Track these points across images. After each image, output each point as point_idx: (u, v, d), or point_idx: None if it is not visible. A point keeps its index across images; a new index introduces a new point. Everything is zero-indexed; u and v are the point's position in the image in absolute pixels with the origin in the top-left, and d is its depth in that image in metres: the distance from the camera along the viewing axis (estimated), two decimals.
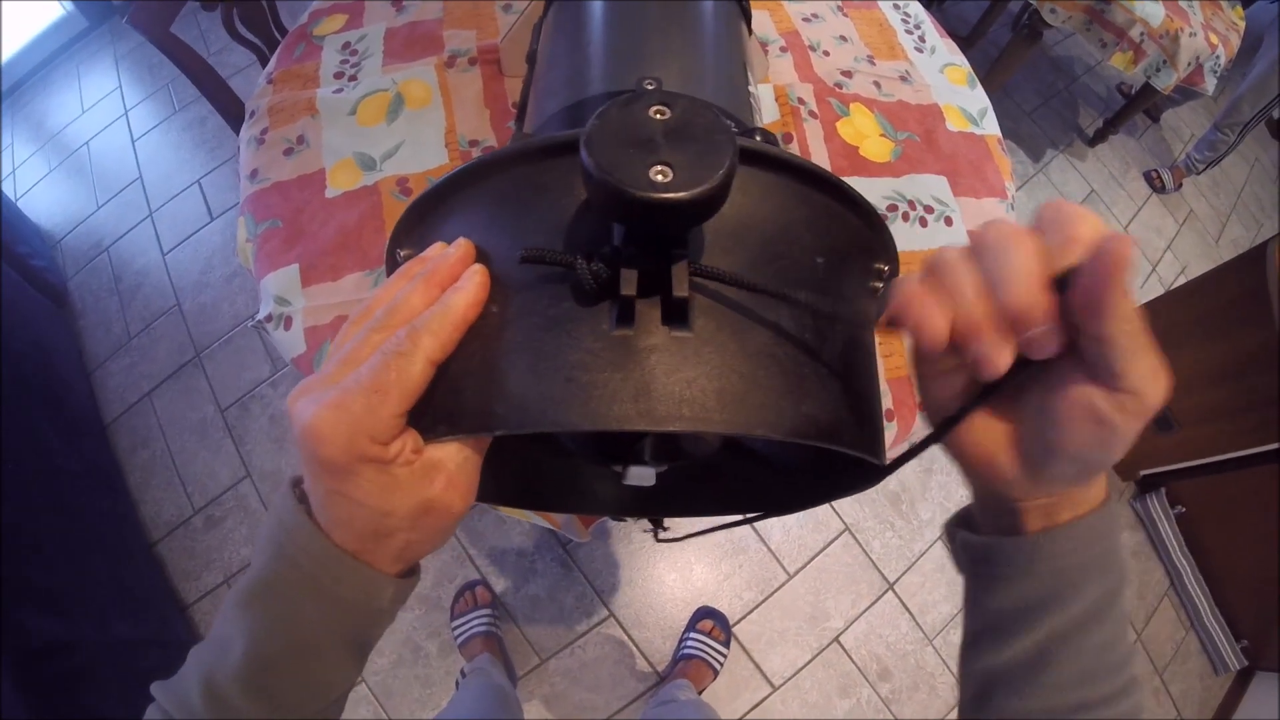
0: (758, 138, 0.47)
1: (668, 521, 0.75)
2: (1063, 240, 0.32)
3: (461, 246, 0.39)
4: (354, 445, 0.34)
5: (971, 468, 0.42)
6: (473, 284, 0.36)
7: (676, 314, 0.33)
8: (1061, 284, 0.31)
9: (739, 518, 0.61)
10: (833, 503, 2.09)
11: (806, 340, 0.36)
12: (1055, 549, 0.41)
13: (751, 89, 0.63)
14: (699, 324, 0.34)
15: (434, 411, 0.35)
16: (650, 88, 0.39)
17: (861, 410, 0.38)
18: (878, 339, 0.85)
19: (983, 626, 0.45)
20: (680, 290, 0.32)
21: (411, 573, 0.44)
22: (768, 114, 1.10)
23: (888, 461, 0.40)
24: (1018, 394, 0.38)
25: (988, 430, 0.40)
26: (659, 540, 0.97)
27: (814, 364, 0.36)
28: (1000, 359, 0.33)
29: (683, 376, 0.32)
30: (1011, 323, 0.32)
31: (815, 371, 0.36)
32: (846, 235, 0.42)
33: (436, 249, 0.40)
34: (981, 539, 0.45)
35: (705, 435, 0.56)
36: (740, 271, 0.34)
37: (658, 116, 0.31)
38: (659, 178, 0.28)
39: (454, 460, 0.37)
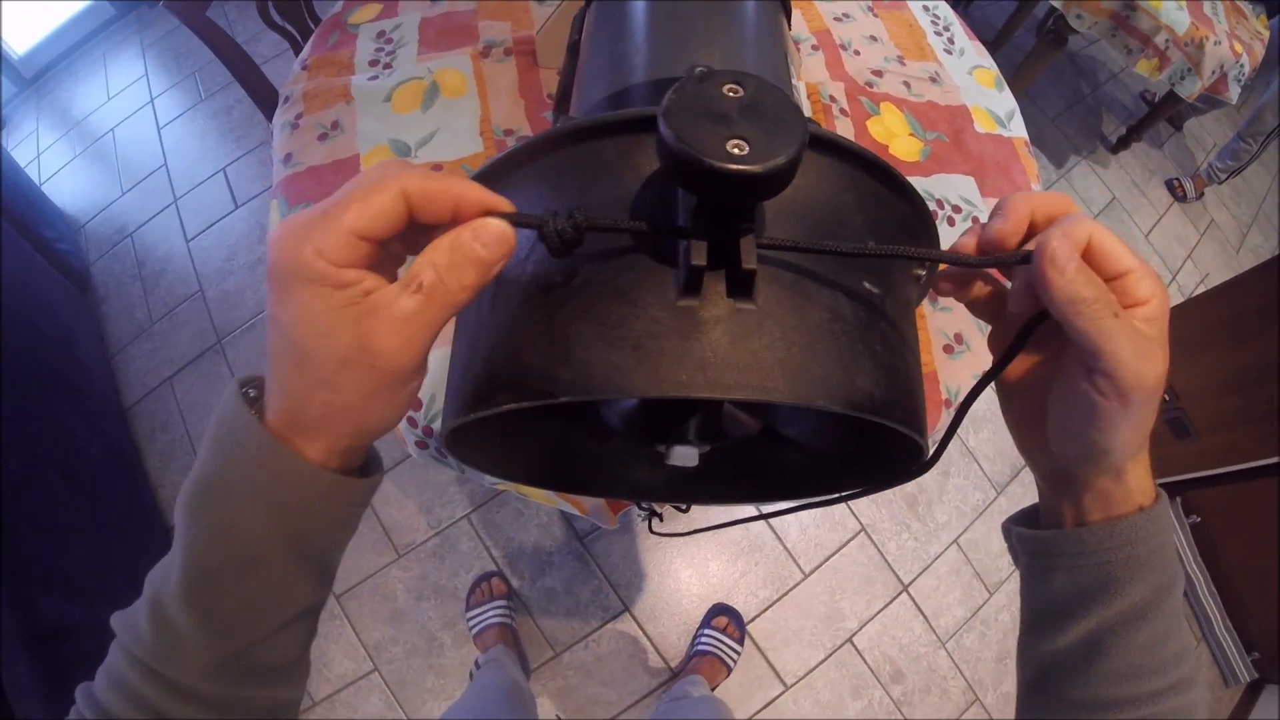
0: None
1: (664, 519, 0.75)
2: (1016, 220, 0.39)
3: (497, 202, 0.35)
4: (298, 255, 0.31)
5: (1018, 437, 0.48)
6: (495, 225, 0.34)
7: (742, 286, 0.33)
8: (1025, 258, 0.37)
9: (736, 519, 0.61)
10: (850, 503, 2.11)
11: (860, 319, 0.37)
12: (1098, 543, 0.43)
13: (794, 81, 0.64)
14: (761, 297, 0.34)
15: (494, 379, 0.36)
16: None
17: (910, 391, 0.39)
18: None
19: (1038, 616, 0.48)
20: (749, 262, 0.32)
21: (362, 472, 0.41)
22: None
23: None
24: (1042, 374, 0.43)
25: (1022, 403, 0.46)
26: (653, 532, 0.97)
27: (867, 341, 0.37)
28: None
29: (747, 347, 0.33)
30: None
31: (869, 349, 0.36)
32: (895, 221, 0.43)
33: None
34: (1033, 532, 0.47)
35: (744, 417, 0.56)
36: (806, 240, 0.35)
37: (731, 94, 0.31)
38: (735, 150, 0.29)
39: (401, 308, 0.32)
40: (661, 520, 0.96)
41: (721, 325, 0.33)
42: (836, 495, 0.54)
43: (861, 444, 0.52)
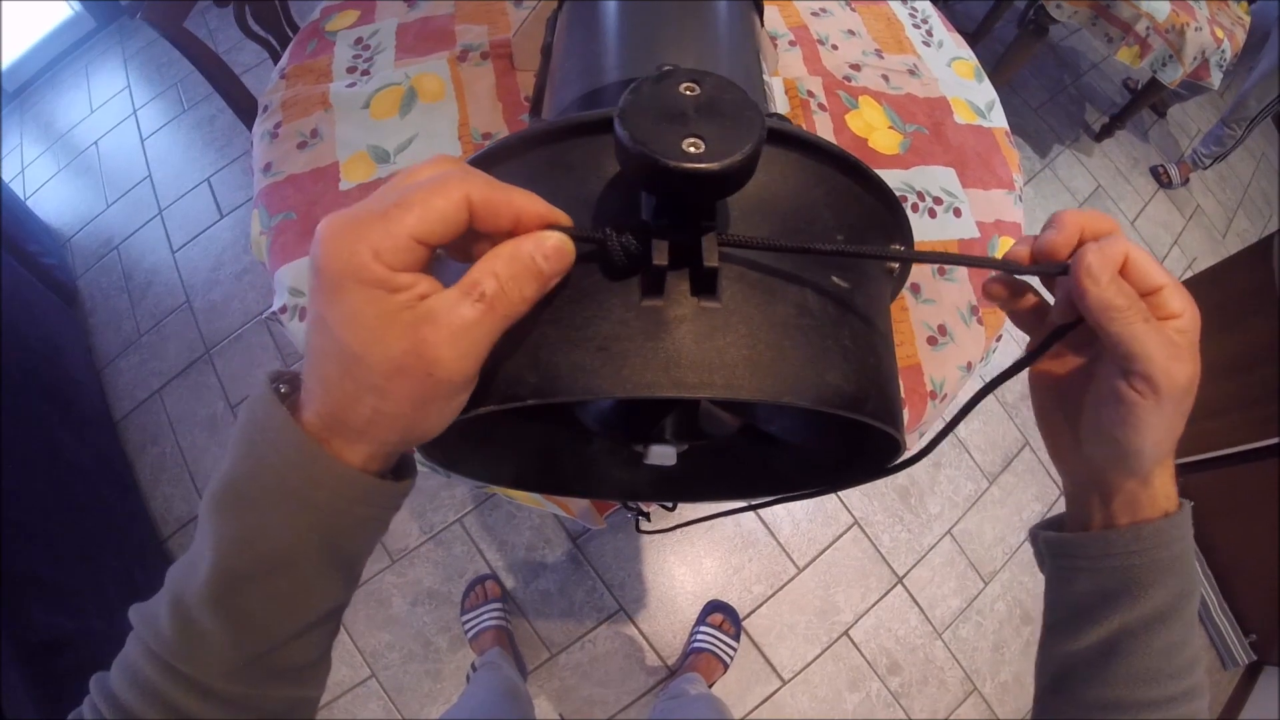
0: (777, 120, 0.47)
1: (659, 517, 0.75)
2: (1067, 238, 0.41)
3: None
4: (353, 255, 0.30)
5: (1050, 441, 0.50)
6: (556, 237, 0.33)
7: (705, 284, 0.34)
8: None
9: (731, 507, 0.62)
10: (842, 497, 2.12)
11: (829, 314, 0.37)
12: (1124, 546, 0.44)
13: (765, 78, 0.64)
14: (726, 295, 0.34)
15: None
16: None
17: (882, 384, 0.39)
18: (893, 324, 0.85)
19: (1060, 617, 0.49)
20: (710, 260, 0.32)
21: (391, 473, 0.39)
22: (778, 106, 1.11)
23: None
24: (1076, 382, 0.46)
25: (1055, 409, 0.48)
26: (639, 531, 0.97)
27: (837, 337, 0.37)
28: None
29: (712, 345, 0.33)
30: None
31: (838, 344, 0.37)
32: (865, 215, 0.43)
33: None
34: (1060, 535, 0.49)
35: (723, 415, 0.56)
36: (770, 237, 0.35)
37: (688, 93, 0.32)
38: (691, 149, 0.29)
39: (460, 316, 0.31)
40: (649, 520, 0.96)
41: (686, 324, 0.33)
42: (817, 489, 0.55)
43: (844, 439, 0.52)
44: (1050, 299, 0.47)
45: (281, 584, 0.36)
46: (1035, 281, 0.46)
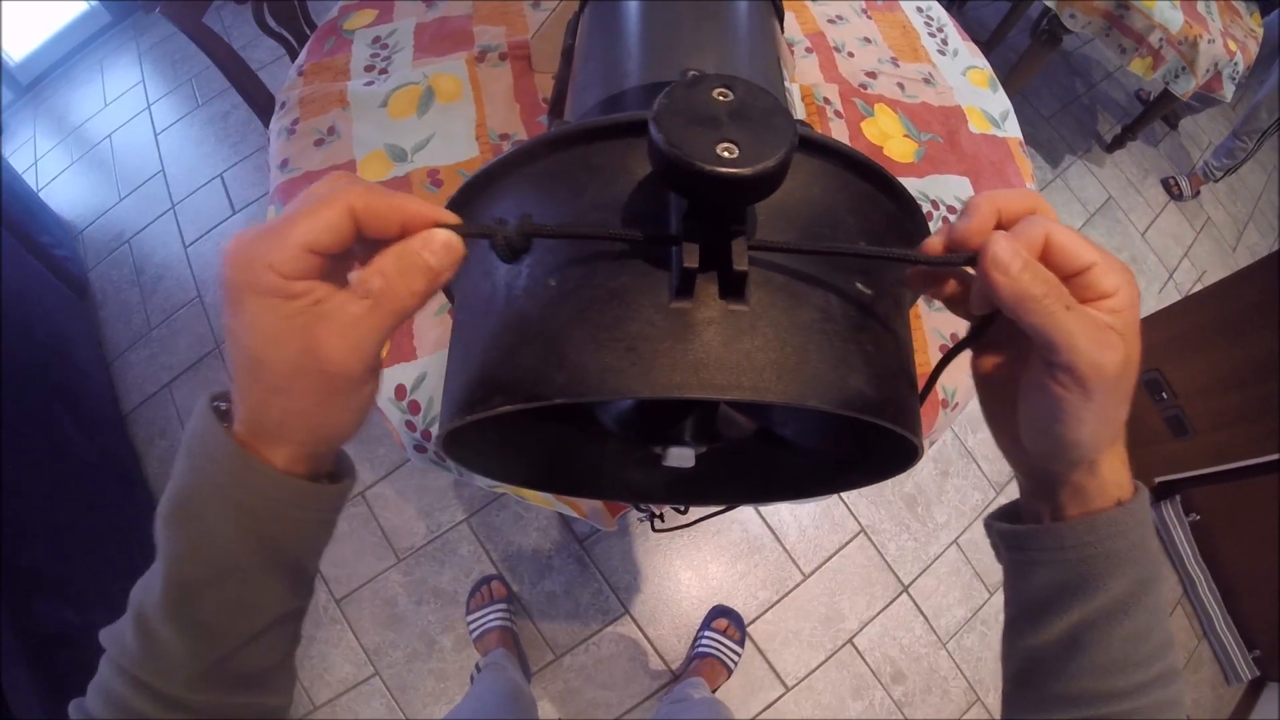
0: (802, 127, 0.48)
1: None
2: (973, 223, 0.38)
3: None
4: (249, 267, 0.32)
5: (996, 436, 0.48)
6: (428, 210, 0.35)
7: (734, 288, 0.34)
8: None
9: (734, 505, 0.62)
10: (849, 504, 2.12)
11: (852, 319, 0.37)
12: (1077, 538, 0.43)
13: (786, 84, 0.64)
14: (753, 299, 0.35)
15: (489, 382, 0.36)
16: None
17: (902, 390, 0.39)
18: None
19: (1020, 611, 0.48)
20: (740, 264, 0.33)
21: (331, 479, 0.42)
22: (796, 113, 1.11)
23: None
24: (1011, 374, 0.44)
25: (996, 402, 0.46)
26: (656, 530, 0.97)
27: (859, 341, 0.37)
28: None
29: (740, 348, 0.33)
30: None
31: (860, 349, 0.37)
32: (886, 221, 0.43)
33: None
34: (1013, 527, 0.48)
35: (740, 418, 0.56)
36: (797, 242, 0.35)
37: (721, 98, 0.32)
38: (725, 154, 0.29)
39: (348, 313, 0.34)
40: (663, 520, 0.96)
41: (714, 327, 0.33)
42: (827, 490, 0.55)
43: (857, 443, 0.53)
44: None
45: (229, 589, 0.39)
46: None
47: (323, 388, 0.35)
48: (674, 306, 0.34)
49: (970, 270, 0.38)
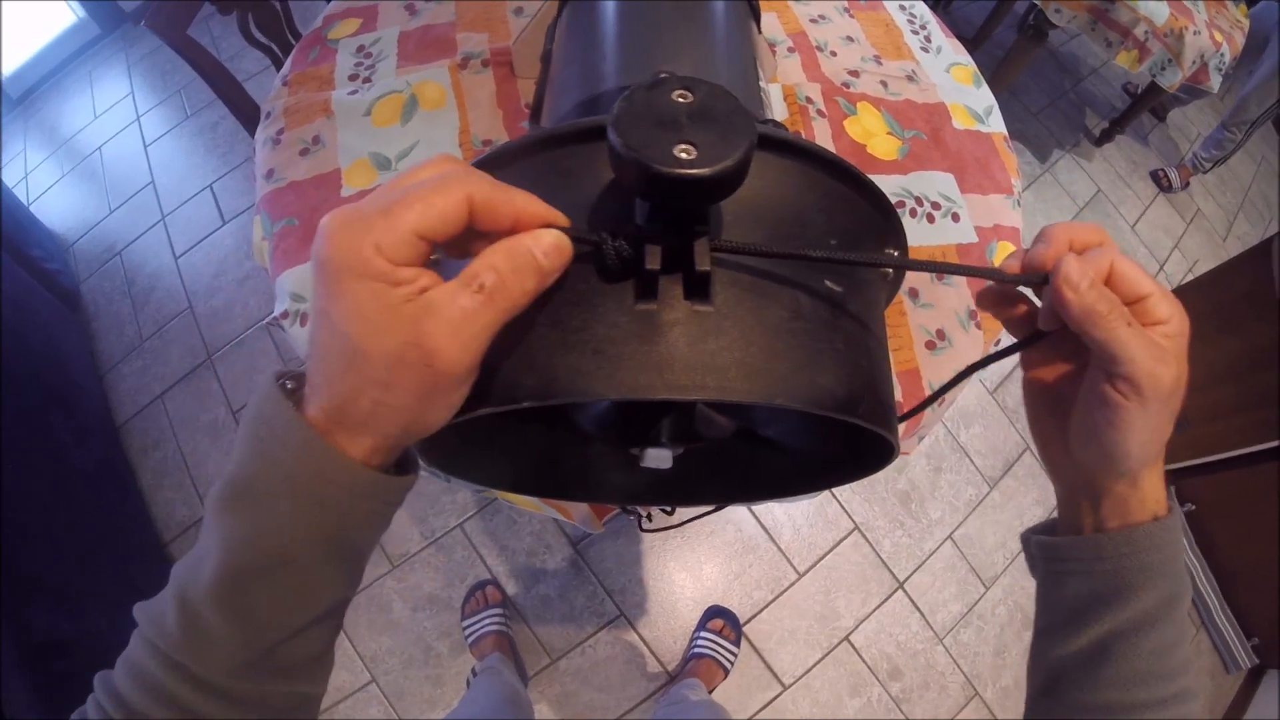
0: (771, 127, 0.48)
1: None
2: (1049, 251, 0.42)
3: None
4: (356, 249, 0.31)
5: (1042, 448, 0.51)
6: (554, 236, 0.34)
7: (698, 288, 0.34)
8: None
9: (724, 504, 0.62)
10: (843, 502, 2.12)
11: (822, 317, 0.38)
12: (1115, 549, 0.45)
13: (762, 84, 0.65)
14: (719, 299, 0.35)
15: None
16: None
17: (875, 387, 0.39)
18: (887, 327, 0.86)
19: (1051, 621, 0.50)
20: (702, 264, 0.33)
21: (400, 470, 0.40)
22: (777, 113, 1.11)
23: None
24: (1066, 387, 0.47)
25: (1047, 414, 0.49)
26: (644, 530, 0.98)
27: (829, 340, 0.37)
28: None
29: (705, 348, 0.33)
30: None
31: (830, 347, 0.37)
32: (858, 220, 0.43)
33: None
34: (1053, 539, 0.49)
35: (719, 418, 0.57)
36: (758, 243, 0.36)
37: (680, 100, 0.32)
38: (683, 155, 0.30)
39: (460, 307, 0.32)
40: (650, 520, 0.96)
41: (679, 327, 0.34)
42: (813, 489, 0.55)
43: (840, 441, 0.53)
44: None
45: (287, 580, 0.37)
46: (1030, 292, 0.47)
47: (426, 383, 0.33)
48: (639, 308, 0.34)
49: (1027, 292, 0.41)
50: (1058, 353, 0.48)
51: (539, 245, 0.33)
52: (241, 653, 0.36)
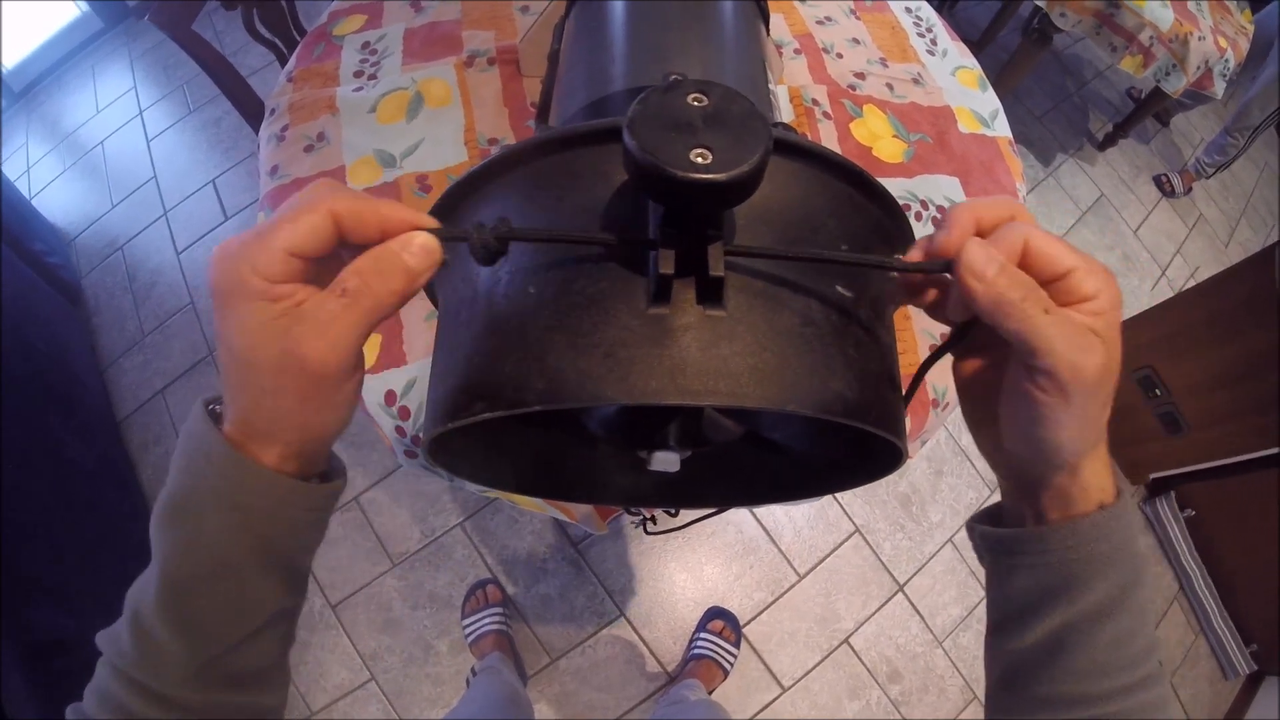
0: (781, 130, 0.48)
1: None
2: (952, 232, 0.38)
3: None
4: (235, 273, 0.34)
5: (977, 439, 0.49)
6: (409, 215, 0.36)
7: (711, 293, 0.34)
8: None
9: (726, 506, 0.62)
10: (844, 504, 2.12)
11: (833, 323, 0.37)
12: (1060, 542, 0.43)
13: (771, 86, 0.64)
14: (732, 304, 0.34)
15: (471, 388, 0.36)
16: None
17: (884, 393, 0.39)
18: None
19: (1003, 614, 0.48)
20: (716, 269, 0.33)
21: (323, 478, 0.43)
22: (784, 115, 1.11)
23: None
24: (992, 378, 0.44)
25: (976, 406, 0.47)
26: (648, 533, 0.98)
27: (840, 345, 0.37)
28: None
29: (717, 353, 0.33)
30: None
31: (841, 353, 0.37)
32: (868, 224, 0.43)
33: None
34: (997, 530, 0.47)
35: (727, 422, 0.56)
36: (771, 247, 0.36)
37: (695, 103, 0.32)
38: (699, 159, 0.29)
39: (325, 310, 0.35)
40: (655, 523, 0.96)
41: (692, 332, 0.33)
42: (819, 492, 0.55)
43: (844, 446, 0.53)
44: None
45: (223, 588, 0.39)
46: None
47: (305, 386, 0.36)
48: (651, 312, 0.34)
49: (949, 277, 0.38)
50: (981, 341, 0.45)
51: (406, 248, 0.35)
52: (189, 662, 0.39)
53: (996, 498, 0.50)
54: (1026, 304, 0.35)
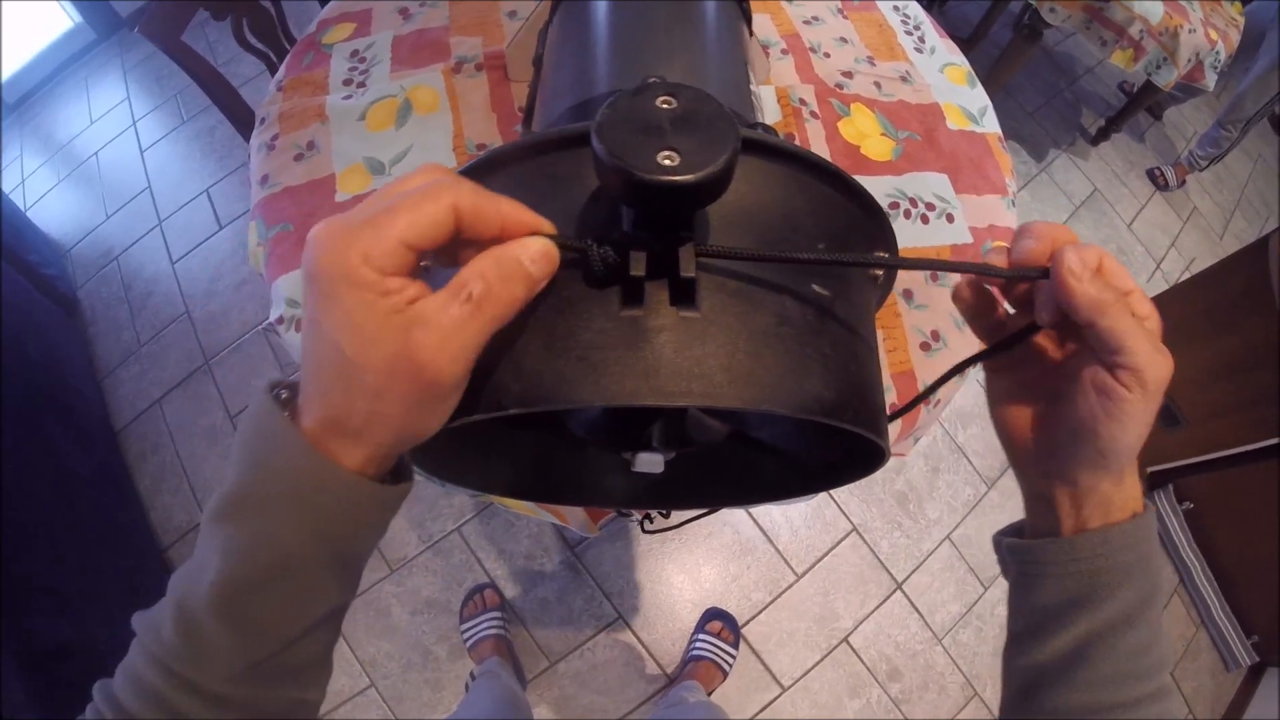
0: (759, 131, 0.48)
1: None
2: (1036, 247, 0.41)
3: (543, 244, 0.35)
4: (345, 259, 0.31)
5: (1012, 450, 0.50)
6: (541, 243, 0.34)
7: (684, 294, 0.34)
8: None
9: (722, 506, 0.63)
10: (840, 503, 2.12)
11: (809, 322, 0.38)
12: (1091, 550, 0.44)
13: (753, 87, 0.65)
14: (706, 305, 0.35)
15: None
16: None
17: (863, 391, 0.39)
18: (880, 332, 0.86)
19: (1025, 625, 0.49)
20: (687, 270, 0.33)
21: (390, 476, 0.40)
22: (770, 115, 1.11)
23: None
24: (1047, 384, 0.46)
25: (1021, 414, 0.48)
26: (645, 531, 0.98)
27: (817, 345, 0.37)
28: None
29: (691, 354, 0.33)
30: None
31: (818, 352, 0.37)
32: (847, 223, 0.43)
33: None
34: (1024, 541, 0.49)
35: (712, 423, 0.57)
36: (743, 248, 0.36)
37: (664, 106, 0.32)
38: (666, 161, 0.30)
39: (450, 317, 0.32)
40: (652, 521, 0.97)
41: (665, 334, 0.34)
42: (808, 491, 0.55)
43: (833, 444, 0.53)
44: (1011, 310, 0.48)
45: (286, 589, 0.37)
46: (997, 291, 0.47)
47: (417, 394, 0.33)
48: (625, 314, 0.34)
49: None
50: (1037, 348, 0.47)
51: (526, 253, 0.33)
52: (240, 660, 0.36)
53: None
54: (1119, 305, 0.38)
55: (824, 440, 0.54)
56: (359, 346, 0.32)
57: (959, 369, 0.49)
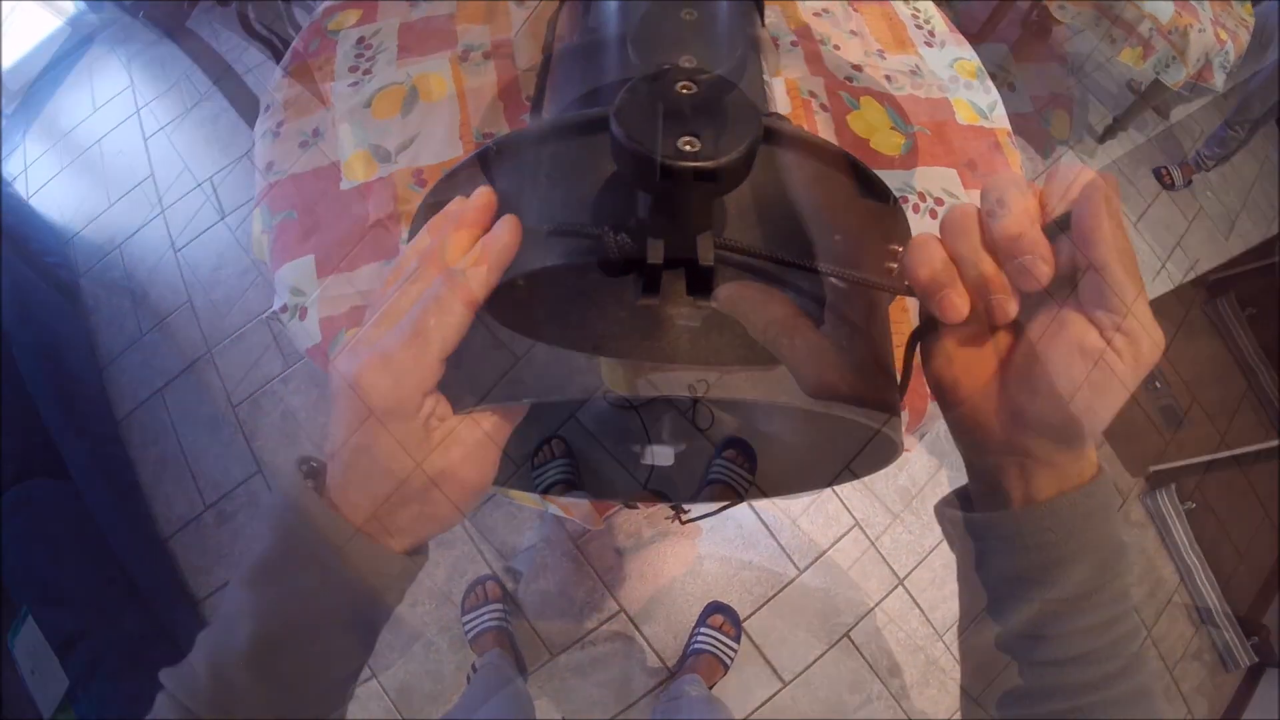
0: (774, 119, 0.47)
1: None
2: (1060, 192, 0.36)
3: (483, 195, 0.39)
4: (404, 397, 0.35)
5: (955, 414, 0.43)
6: (506, 228, 0.37)
7: (701, 284, 0.33)
8: (1062, 225, 0.34)
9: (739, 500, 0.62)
10: (843, 498, 2.12)
11: (824, 314, 0.37)
12: (1040, 523, 0.40)
13: (766, 78, 0.64)
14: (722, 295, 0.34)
15: (461, 384, 0.36)
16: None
17: (878, 383, 0.39)
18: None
19: (975, 603, 0.45)
20: (705, 259, 0.32)
21: (419, 551, 0.44)
22: (780, 107, 1.11)
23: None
24: (1010, 337, 0.40)
25: (972, 375, 0.41)
26: (682, 523, 0.98)
27: (833, 337, 0.37)
28: (1010, 307, 0.36)
29: (707, 344, 0.33)
30: (1007, 250, 0.35)
31: (834, 344, 0.36)
32: (863, 215, 0.43)
33: (455, 202, 0.40)
34: (971, 515, 0.45)
35: (722, 415, 0.56)
36: (762, 245, 0.35)
37: (685, 91, 0.32)
38: (686, 147, 0.29)
39: (476, 432, 0.37)
40: (688, 511, 0.97)
41: (681, 323, 0.33)
42: (816, 486, 0.55)
43: (843, 437, 0.52)
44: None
45: (314, 648, 0.41)
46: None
47: (461, 499, 0.39)
48: (641, 304, 0.33)
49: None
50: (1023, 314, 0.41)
51: None
52: (267, 711, 0.40)
53: None
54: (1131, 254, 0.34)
55: (837, 433, 0.54)
56: (408, 466, 0.37)
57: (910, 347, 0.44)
